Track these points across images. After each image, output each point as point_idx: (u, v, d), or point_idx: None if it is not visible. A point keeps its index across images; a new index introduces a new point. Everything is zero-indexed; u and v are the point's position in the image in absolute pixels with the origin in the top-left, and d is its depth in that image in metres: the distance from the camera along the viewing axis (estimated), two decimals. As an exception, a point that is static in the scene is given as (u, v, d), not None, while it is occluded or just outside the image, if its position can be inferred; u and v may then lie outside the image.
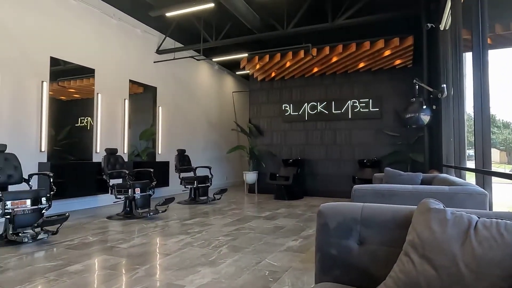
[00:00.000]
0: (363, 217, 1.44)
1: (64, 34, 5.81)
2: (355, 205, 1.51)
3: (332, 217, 1.50)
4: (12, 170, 3.94)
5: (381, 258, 1.36)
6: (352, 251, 1.42)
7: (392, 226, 1.39)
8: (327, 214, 1.51)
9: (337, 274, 1.44)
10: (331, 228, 1.48)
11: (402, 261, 1.18)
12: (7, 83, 4.94)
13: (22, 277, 2.60)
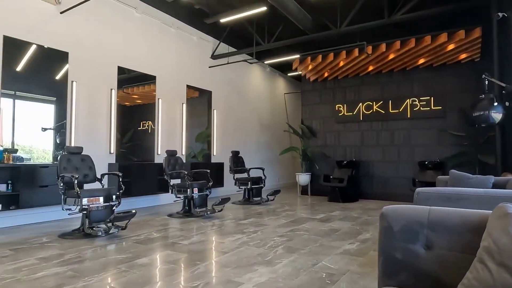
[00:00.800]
0: (431, 220, 1.38)
1: (129, 45, 6.30)
2: (420, 208, 1.46)
3: (395, 220, 1.46)
4: (88, 170, 4.36)
5: (451, 264, 1.30)
6: (419, 255, 1.37)
7: (463, 231, 1.32)
8: (391, 216, 1.47)
9: (402, 279, 1.40)
10: (395, 231, 1.44)
11: (477, 268, 1.12)
12: (82, 92, 5.48)
13: (98, 267, 2.87)
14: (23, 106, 4.85)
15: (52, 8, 5.15)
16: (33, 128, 4.92)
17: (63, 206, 3.93)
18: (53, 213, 4.91)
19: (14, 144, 4.69)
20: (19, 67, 4.79)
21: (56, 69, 5.24)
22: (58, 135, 5.24)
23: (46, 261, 3.01)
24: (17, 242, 3.71)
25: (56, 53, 5.21)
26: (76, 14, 5.34)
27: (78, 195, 3.80)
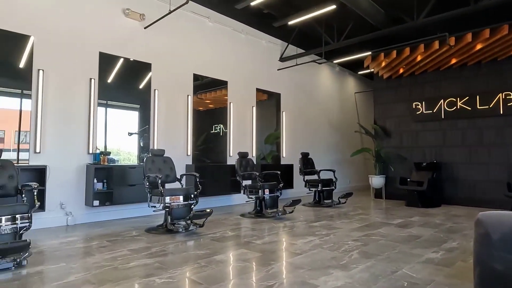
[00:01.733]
0: (541, 229, 1.22)
1: (203, 53, 6.68)
2: (527, 215, 1.29)
3: (495, 227, 1.32)
4: (169, 170, 4.73)
5: None
6: (526, 268, 1.21)
7: None
8: (489, 223, 1.33)
9: (504, 293, 1.26)
10: (495, 240, 1.30)
11: None
12: (163, 99, 5.96)
13: (179, 260, 3.09)
14: (113, 114, 5.45)
15: (137, 24, 5.70)
16: (120, 133, 5.49)
17: (149, 204, 4.32)
18: (140, 210, 5.41)
19: (106, 147, 5.29)
20: (110, 79, 5.39)
21: (140, 79, 5.79)
22: (141, 139, 5.77)
23: (136, 253, 3.33)
24: (112, 234, 4.18)
25: (140, 65, 5.75)
26: (157, 28, 5.83)
27: (161, 194, 4.14)
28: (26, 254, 2.86)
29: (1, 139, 4.56)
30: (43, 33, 4.67)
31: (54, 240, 3.86)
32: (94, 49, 5.17)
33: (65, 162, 4.80)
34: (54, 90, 4.76)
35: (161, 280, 2.58)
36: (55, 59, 4.77)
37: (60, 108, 4.81)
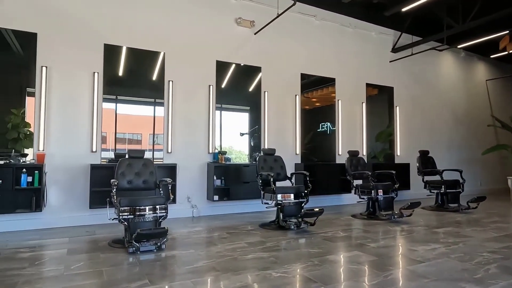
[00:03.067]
0: None
1: (310, 52, 6.69)
2: None
3: None
4: (280, 169, 4.90)
5: None
6: None
7: None
8: None
9: None
10: None
11: None
12: (272, 100, 6.20)
13: (293, 257, 3.17)
14: (226, 116, 5.92)
15: (247, 31, 6.06)
16: (232, 133, 5.93)
17: (262, 200, 4.56)
18: (253, 205, 5.74)
19: (222, 147, 5.77)
20: (224, 84, 5.86)
21: (250, 83, 6.14)
22: (252, 139, 6.11)
23: (252, 246, 3.56)
24: (230, 227, 4.55)
25: (251, 69, 6.10)
26: (266, 32, 6.09)
27: (273, 191, 4.32)
28: (164, 239, 3.35)
29: (139, 141, 5.43)
30: (171, 48, 5.38)
31: (183, 229, 4.41)
32: (211, 58, 5.71)
33: (190, 160, 5.43)
34: (181, 98, 5.43)
35: (277, 274, 2.69)
36: (180, 71, 5.44)
37: (185, 113, 5.46)
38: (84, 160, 4.70)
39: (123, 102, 5.23)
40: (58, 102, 4.63)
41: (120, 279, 2.60)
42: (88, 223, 4.61)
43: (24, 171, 4.19)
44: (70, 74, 4.71)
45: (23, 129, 4.45)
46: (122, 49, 5.07)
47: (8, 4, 4.40)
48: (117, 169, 3.87)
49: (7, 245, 3.52)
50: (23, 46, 4.53)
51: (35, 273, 2.73)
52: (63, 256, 3.19)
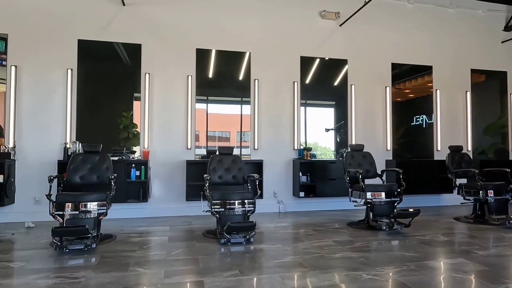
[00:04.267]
0: None
1: (401, 39, 6.17)
2: None
3: None
4: (369, 166, 4.65)
5: None
6: None
7: None
8: None
9: None
10: None
11: None
12: (359, 94, 5.91)
13: (385, 259, 2.98)
14: (311, 112, 5.83)
15: (332, 23, 5.88)
16: (317, 129, 5.81)
17: (350, 198, 4.39)
18: (340, 203, 5.56)
19: (306, 143, 5.71)
20: (307, 80, 5.78)
21: (335, 76, 5.94)
22: (338, 134, 5.91)
23: (340, 245, 3.45)
24: (316, 224, 4.49)
25: (336, 62, 5.90)
26: (352, 23, 5.81)
27: (362, 189, 4.12)
28: (253, 233, 3.47)
29: (228, 138, 5.71)
30: (255, 47, 5.53)
31: (270, 224, 4.51)
32: (295, 54, 5.69)
33: (276, 157, 5.52)
34: (266, 95, 5.55)
35: (368, 276, 2.56)
36: (265, 69, 5.55)
37: (270, 110, 5.56)
38: (180, 157, 5.15)
39: (213, 102, 5.58)
40: (159, 104, 5.16)
41: (214, 267, 2.78)
42: (185, 214, 5.04)
43: (133, 166, 4.79)
44: (168, 78, 5.20)
45: (131, 130, 5.07)
46: (212, 52, 5.40)
47: (118, 21, 5.05)
48: (209, 165, 4.15)
49: (122, 230, 4.07)
50: (130, 56, 5.16)
51: (143, 256, 3.09)
52: (165, 243, 3.55)
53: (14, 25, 4.72)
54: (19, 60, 4.71)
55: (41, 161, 4.67)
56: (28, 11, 4.78)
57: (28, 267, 2.78)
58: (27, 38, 4.75)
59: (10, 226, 4.25)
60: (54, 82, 4.81)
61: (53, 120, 4.78)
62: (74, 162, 3.82)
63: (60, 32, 4.86)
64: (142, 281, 2.49)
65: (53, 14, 4.86)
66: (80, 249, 3.15)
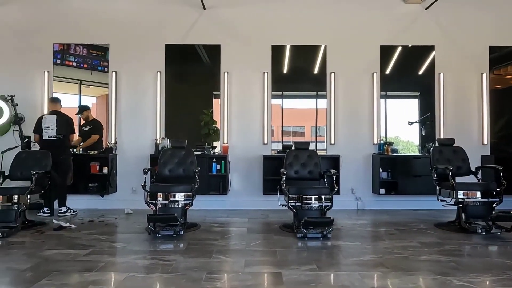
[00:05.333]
0: None
1: (501, 17, 5.41)
2: None
3: None
4: (461, 162, 4.21)
5: None
6: None
7: None
8: None
9: None
10: None
11: None
12: (449, 82, 5.36)
13: (480, 265, 2.68)
14: (391, 104, 5.51)
15: (417, 7, 5.42)
16: (398, 122, 5.45)
17: (437, 197, 4.03)
18: (426, 202, 5.12)
19: (387, 137, 5.38)
20: (388, 70, 5.44)
21: (420, 65, 5.47)
22: (423, 128, 5.45)
23: (427, 246, 3.21)
24: (399, 223, 4.24)
25: (421, 49, 5.44)
26: (440, 5, 5.27)
27: (453, 187, 3.75)
28: (330, 229, 3.43)
29: (302, 133, 5.70)
30: (332, 39, 5.39)
31: (348, 221, 4.40)
32: (374, 44, 5.40)
33: (354, 152, 5.33)
34: (343, 88, 5.39)
35: (459, 283, 2.34)
36: (342, 61, 5.38)
37: (348, 104, 5.38)
38: (257, 151, 5.31)
39: (288, 97, 5.62)
40: (237, 101, 5.38)
41: (291, 260, 2.82)
42: (262, 207, 5.19)
43: (214, 160, 5.09)
44: (245, 76, 5.38)
45: (212, 126, 5.39)
46: (286, 48, 5.43)
47: (199, 24, 5.39)
48: (285, 159, 4.20)
49: (205, 220, 4.37)
50: (210, 57, 5.48)
51: (225, 245, 3.29)
52: (244, 234, 3.71)
53: (114, 36, 5.36)
54: (118, 67, 5.35)
55: (136, 155, 5.25)
56: (125, 24, 5.38)
57: (128, 248, 3.17)
58: (124, 47, 5.36)
59: (113, 212, 4.88)
60: (146, 85, 5.35)
61: (145, 118, 5.32)
62: (164, 156, 4.21)
63: (151, 39, 5.37)
64: (224, 268, 2.65)
65: (145, 24, 5.39)
66: (170, 235, 3.47)
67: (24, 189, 3.80)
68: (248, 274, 2.48)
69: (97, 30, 5.36)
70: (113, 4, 5.38)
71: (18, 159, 4.26)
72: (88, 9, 5.37)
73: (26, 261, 2.77)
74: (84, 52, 5.44)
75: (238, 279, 2.40)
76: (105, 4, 5.38)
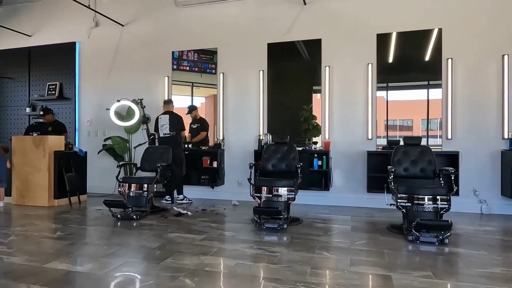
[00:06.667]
0: None
1: None
2: None
3: None
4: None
5: None
6: None
7: None
8: None
9: None
10: None
11: None
12: None
13: None
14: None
15: None
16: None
17: None
18: None
19: (523, 131, 4.53)
20: (529, 50, 4.54)
21: None
22: None
23: None
24: (538, 233, 3.55)
25: None
26: None
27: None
28: (448, 233, 3.08)
29: (410, 127, 5.21)
30: (449, 21, 4.78)
31: (469, 226, 3.87)
32: (506, 22, 4.59)
33: (476, 148, 4.65)
34: (462, 76, 4.74)
35: None
36: (461, 45, 4.72)
37: (469, 93, 4.71)
38: (361, 147, 5.08)
39: (393, 89, 5.21)
40: (338, 95, 5.23)
41: (401, 264, 2.63)
42: (366, 206, 4.95)
43: (315, 156, 5.06)
44: (347, 69, 5.18)
45: (311, 121, 5.36)
46: (392, 36, 5.03)
47: (300, 20, 5.39)
48: (393, 156, 3.91)
49: (307, 215, 4.39)
50: (310, 52, 5.44)
51: (328, 241, 3.25)
52: (348, 232, 3.61)
53: (221, 40, 5.77)
54: (225, 68, 5.75)
55: (242, 150, 5.58)
56: (230, 27, 5.72)
57: (237, 237, 3.40)
58: (230, 49, 5.72)
59: (222, 202, 5.29)
60: (250, 83, 5.62)
61: (249, 115, 5.60)
62: (267, 152, 4.37)
63: (253, 39, 5.60)
64: (328, 265, 2.63)
65: (248, 25, 5.65)
66: (274, 227, 3.60)
67: (151, 179, 4.42)
68: (354, 273, 2.41)
69: (206, 35, 5.84)
70: (220, 9, 5.79)
71: (146, 153, 4.96)
72: (199, 16, 5.89)
73: (154, 241, 3.23)
74: (195, 57, 6.02)
75: (344, 277, 2.36)
76: (212, 9, 5.82)
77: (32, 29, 6.80)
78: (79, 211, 4.72)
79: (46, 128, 5.81)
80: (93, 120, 6.45)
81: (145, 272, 2.49)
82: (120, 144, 6.01)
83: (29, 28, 6.80)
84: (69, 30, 6.55)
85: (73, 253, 2.90)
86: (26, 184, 5.08)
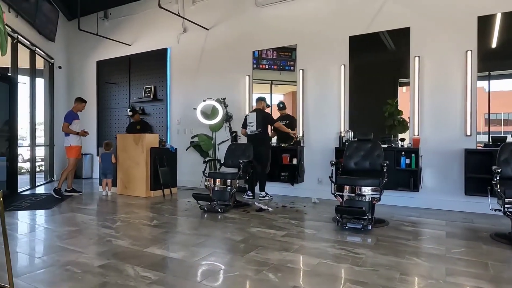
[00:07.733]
0: None
1: None
2: None
3: None
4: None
5: None
6: None
7: None
8: None
9: None
10: None
11: None
12: None
13: None
14: None
15: None
16: None
17: None
18: None
19: None
20: None
21: None
22: None
23: None
24: None
25: None
26: None
27: None
28: None
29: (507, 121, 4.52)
30: None
31: None
32: None
33: None
34: None
35: None
36: None
37: None
38: (457, 145, 4.56)
39: (497, 78, 4.57)
40: (430, 88, 4.77)
41: (510, 279, 2.30)
42: (463, 210, 4.44)
43: (403, 154, 4.71)
44: (442, 59, 4.69)
45: (397, 117, 4.98)
46: (496, 17, 4.39)
47: (385, 9, 5.06)
48: (499, 155, 3.43)
49: (393, 217, 4.12)
50: (396, 42, 5.07)
51: (419, 247, 3.00)
52: (442, 238, 3.28)
53: (300, 36, 5.73)
54: (304, 64, 5.70)
55: (322, 147, 5.47)
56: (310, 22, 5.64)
57: (318, 235, 3.36)
58: (310, 45, 5.64)
59: (301, 200, 5.27)
60: (331, 79, 5.46)
61: (330, 112, 5.46)
62: (349, 149, 4.20)
63: (334, 33, 5.42)
64: (420, 272, 2.43)
65: (329, 19, 5.49)
66: (358, 228, 3.46)
67: (234, 175, 4.62)
68: (451, 284, 2.19)
69: (286, 32, 5.85)
70: (299, 5, 5.74)
71: (229, 150, 5.20)
72: (278, 13, 5.93)
73: (238, 234, 3.37)
74: (273, 55, 6.08)
75: (439, 287, 2.15)
76: (291, 6, 5.80)
77: (131, 39, 7.64)
78: (171, 202, 5.17)
79: (135, 126, 6.54)
80: (181, 119, 6.99)
81: (230, 263, 2.61)
82: (205, 141, 6.41)
83: (129, 38, 7.65)
84: (162, 37, 7.19)
85: (167, 240, 3.20)
86: (128, 177, 5.75)
